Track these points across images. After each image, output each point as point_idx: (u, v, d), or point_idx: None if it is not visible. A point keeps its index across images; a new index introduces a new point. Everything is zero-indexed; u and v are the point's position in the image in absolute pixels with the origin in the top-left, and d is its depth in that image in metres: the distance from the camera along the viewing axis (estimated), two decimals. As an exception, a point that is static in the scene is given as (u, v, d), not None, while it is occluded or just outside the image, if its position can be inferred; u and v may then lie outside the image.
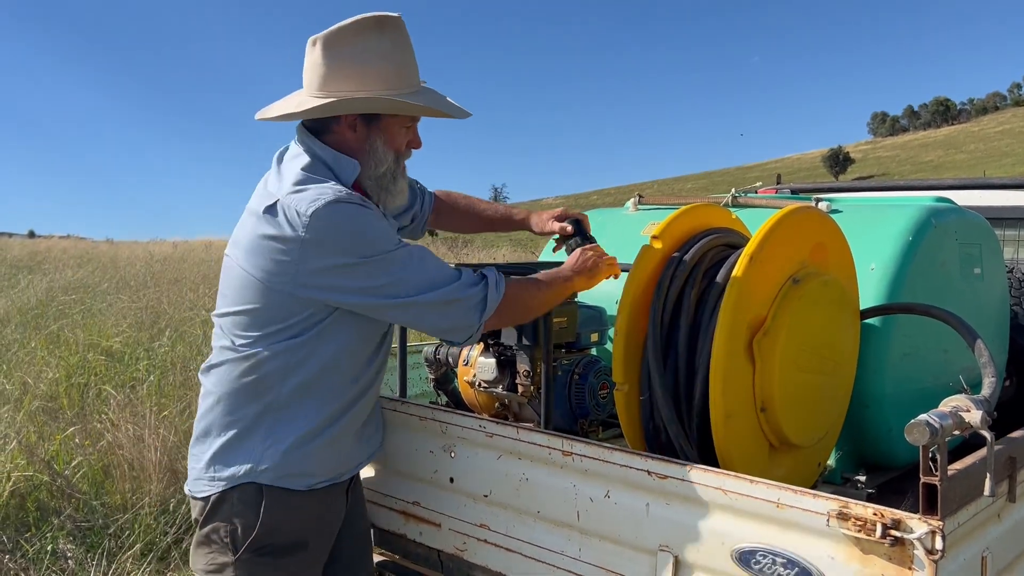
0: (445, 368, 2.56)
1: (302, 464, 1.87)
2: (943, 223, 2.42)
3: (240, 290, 1.85)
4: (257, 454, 1.85)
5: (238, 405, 1.87)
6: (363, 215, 1.79)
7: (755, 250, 1.87)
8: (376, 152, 1.91)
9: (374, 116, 1.89)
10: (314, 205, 1.74)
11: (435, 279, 1.83)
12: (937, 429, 1.35)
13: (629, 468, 1.72)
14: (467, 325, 1.87)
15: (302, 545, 1.91)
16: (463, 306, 1.85)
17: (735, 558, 1.56)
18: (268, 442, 1.85)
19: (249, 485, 1.85)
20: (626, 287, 1.99)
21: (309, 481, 1.89)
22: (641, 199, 3.13)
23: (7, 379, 6.01)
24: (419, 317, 1.85)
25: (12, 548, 3.72)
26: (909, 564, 1.36)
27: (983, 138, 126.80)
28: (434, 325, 1.87)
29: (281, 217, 1.76)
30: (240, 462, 1.86)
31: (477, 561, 2.03)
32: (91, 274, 13.68)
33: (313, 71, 1.87)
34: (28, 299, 10.23)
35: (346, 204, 1.77)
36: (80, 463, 4.48)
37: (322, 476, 1.91)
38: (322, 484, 1.91)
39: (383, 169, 1.93)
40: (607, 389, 2.33)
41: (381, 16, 1.85)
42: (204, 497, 1.89)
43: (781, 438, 1.95)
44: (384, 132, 1.91)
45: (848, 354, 2.14)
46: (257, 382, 1.85)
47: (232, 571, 1.86)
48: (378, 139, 1.90)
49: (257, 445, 1.86)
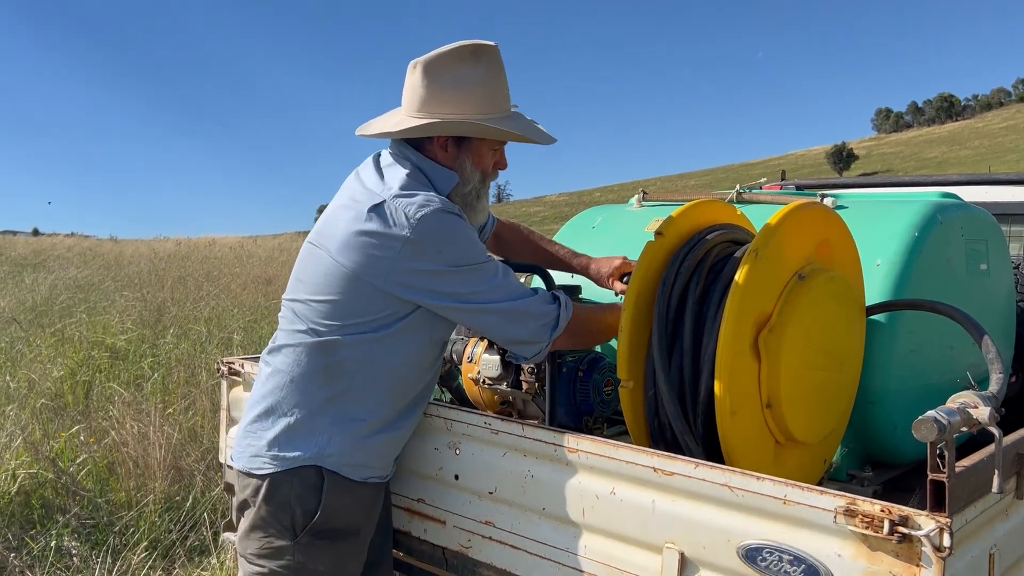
0: (449, 365, 2.56)
1: (364, 455, 1.97)
2: (949, 219, 2.41)
3: (327, 280, 1.94)
4: (324, 439, 1.94)
5: (310, 389, 1.95)
6: (463, 227, 1.93)
7: (760, 246, 1.87)
8: (465, 171, 2.04)
9: (465, 138, 2.02)
10: (423, 211, 1.87)
11: (515, 292, 1.95)
12: (945, 426, 1.35)
13: (634, 465, 1.71)
14: (538, 339, 1.97)
15: (355, 532, 2.00)
16: (538, 321, 1.96)
17: (741, 555, 1.55)
18: (335, 429, 1.94)
19: (311, 468, 1.93)
20: (630, 283, 1.99)
21: (365, 473, 1.98)
22: (645, 195, 3.12)
23: (12, 377, 6.02)
24: (497, 325, 1.96)
25: (17, 546, 3.73)
26: (917, 561, 1.35)
27: (987, 134, 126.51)
28: (508, 335, 1.98)
29: (388, 217, 1.88)
30: (306, 445, 1.94)
31: (482, 558, 2.02)
32: (95, 272, 13.71)
33: (412, 92, 2.02)
34: (33, 297, 10.26)
35: (450, 215, 1.91)
36: (85, 460, 4.49)
37: (378, 470, 2.02)
38: (374, 479, 2.01)
39: (469, 188, 2.06)
40: (612, 386, 2.33)
41: (478, 45, 1.99)
42: (263, 475, 1.95)
43: (787, 435, 1.94)
44: (473, 153, 2.04)
45: (854, 350, 2.13)
46: (331, 368, 1.94)
47: (290, 554, 1.94)
48: (467, 159, 2.04)
49: (325, 430, 1.94)
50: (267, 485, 1.95)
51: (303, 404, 1.96)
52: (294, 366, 1.97)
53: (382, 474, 2.05)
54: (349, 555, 2.01)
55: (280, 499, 1.94)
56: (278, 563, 1.95)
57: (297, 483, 1.94)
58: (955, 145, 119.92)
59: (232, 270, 13.95)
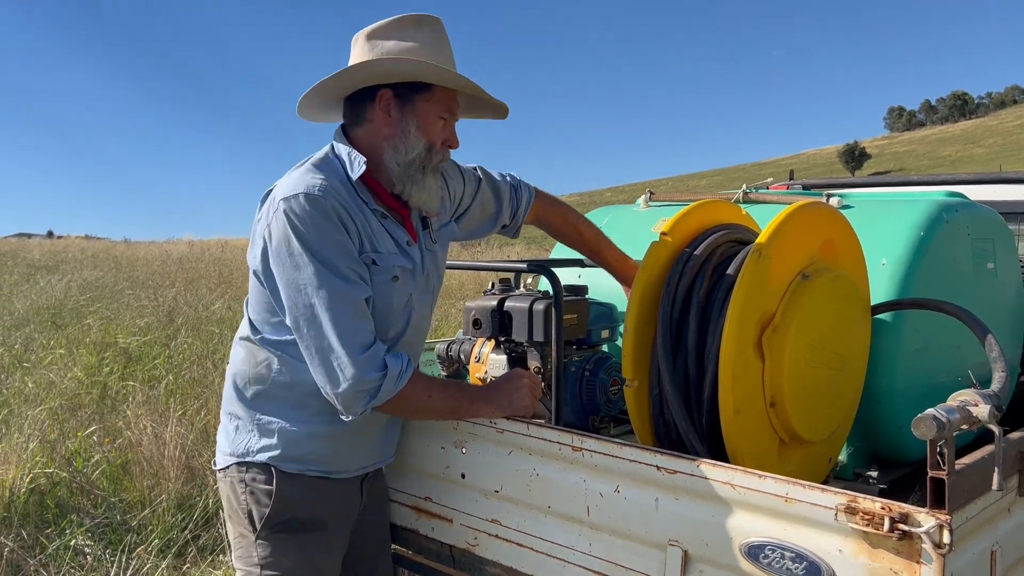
0: (457, 365, 2.58)
1: (302, 450, 1.92)
2: (955, 218, 2.41)
3: (249, 282, 1.94)
4: (264, 436, 1.92)
5: (246, 388, 1.95)
6: (320, 213, 1.75)
7: (764, 246, 1.88)
8: (408, 136, 1.89)
9: (409, 97, 1.88)
10: (287, 191, 1.78)
11: (345, 331, 1.76)
12: (944, 423, 1.36)
13: (639, 463, 1.73)
14: (349, 405, 1.80)
15: (320, 524, 1.96)
16: (352, 385, 1.77)
17: (744, 552, 1.56)
18: (272, 425, 1.91)
19: (259, 464, 1.92)
20: (636, 283, 2.00)
21: (311, 467, 1.94)
22: (652, 196, 3.13)
23: (28, 377, 6.09)
24: (309, 355, 1.79)
25: (32, 544, 3.78)
26: (917, 558, 1.36)
27: (1001, 132, 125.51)
28: (319, 378, 1.80)
29: (267, 205, 1.84)
30: (250, 441, 1.93)
31: (488, 556, 2.04)
32: (108, 273, 13.82)
33: (355, 60, 1.91)
34: (47, 299, 10.35)
35: (313, 198, 1.76)
36: (99, 461, 4.54)
37: (327, 464, 1.96)
38: (333, 473, 1.96)
39: (412, 155, 1.89)
40: (618, 385, 2.34)
41: (421, 15, 1.91)
42: (223, 472, 1.98)
43: (791, 433, 1.95)
44: (419, 116, 1.89)
45: (858, 350, 2.14)
46: (259, 368, 1.92)
47: (255, 551, 1.93)
48: (411, 122, 1.89)
49: (263, 427, 1.92)
50: (228, 483, 1.96)
51: (242, 402, 1.95)
52: (232, 366, 1.99)
53: (333, 469, 1.96)
54: (315, 547, 1.97)
55: (238, 495, 1.94)
56: (249, 564, 1.95)
57: (249, 479, 1.93)
58: (969, 143, 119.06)
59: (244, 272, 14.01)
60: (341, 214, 1.79)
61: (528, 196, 2.33)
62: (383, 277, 1.86)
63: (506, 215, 2.28)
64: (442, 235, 2.10)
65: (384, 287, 1.87)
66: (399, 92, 1.89)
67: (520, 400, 1.94)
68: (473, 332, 2.41)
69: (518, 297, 2.32)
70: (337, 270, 1.77)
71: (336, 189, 1.81)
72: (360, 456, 2.03)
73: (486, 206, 2.26)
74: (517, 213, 2.31)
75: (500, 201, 2.27)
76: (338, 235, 1.78)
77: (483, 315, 2.32)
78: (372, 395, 1.80)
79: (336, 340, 1.75)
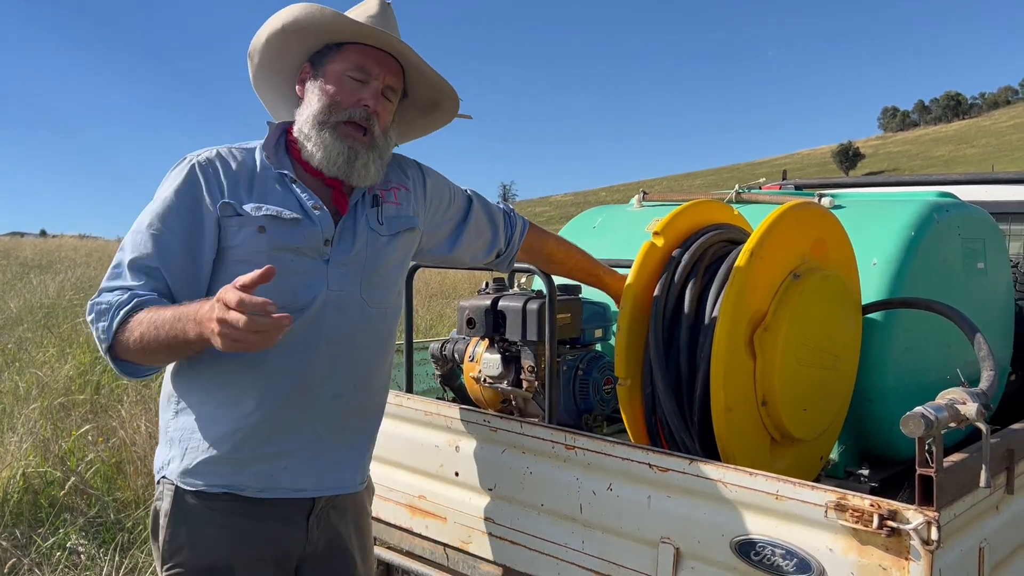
0: (451, 364, 2.59)
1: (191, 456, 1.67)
2: (945, 218, 2.42)
3: None
4: (164, 449, 1.72)
5: (164, 391, 1.76)
6: (177, 170, 1.71)
7: (756, 245, 1.89)
8: (311, 97, 1.76)
9: (320, 62, 1.78)
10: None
11: (115, 264, 1.65)
12: (932, 421, 1.37)
13: (631, 461, 1.74)
14: (100, 342, 1.60)
15: (223, 571, 1.66)
16: (93, 328, 1.60)
17: (735, 549, 1.58)
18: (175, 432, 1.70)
19: (164, 481, 1.70)
20: (628, 283, 2.02)
21: (199, 480, 1.66)
22: (645, 195, 3.15)
23: (20, 376, 6.08)
24: None
25: (25, 543, 3.77)
26: (906, 554, 1.38)
27: (994, 132, 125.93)
28: None
29: None
30: (160, 453, 1.74)
31: (482, 554, 2.05)
32: (101, 272, 13.78)
33: None
34: (40, 298, 10.33)
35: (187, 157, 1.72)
36: (93, 460, 4.53)
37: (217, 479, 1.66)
38: (217, 488, 1.66)
39: (306, 114, 1.75)
40: (611, 384, 2.36)
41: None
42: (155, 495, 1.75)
43: (782, 432, 1.97)
44: (326, 76, 1.77)
45: (849, 348, 2.15)
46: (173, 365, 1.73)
47: None
48: (318, 83, 1.77)
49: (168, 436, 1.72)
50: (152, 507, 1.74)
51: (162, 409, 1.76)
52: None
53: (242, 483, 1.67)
54: None
55: (153, 525, 1.72)
56: None
57: (159, 502, 1.70)
58: (962, 143, 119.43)
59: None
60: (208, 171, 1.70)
61: (523, 224, 2.24)
62: (249, 229, 1.67)
63: (501, 240, 2.18)
64: (395, 223, 1.87)
65: (251, 240, 1.67)
66: (314, 62, 1.81)
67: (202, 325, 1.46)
68: (467, 331, 2.42)
69: (512, 296, 2.33)
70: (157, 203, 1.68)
71: (228, 154, 1.74)
72: (291, 469, 1.70)
73: (481, 230, 2.15)
74: (512, 239, 2.21)
75: (495, 225, 2.17)
76: (182, 178, 1.69)
77: (477, 314, 2.33)
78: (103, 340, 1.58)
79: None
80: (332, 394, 1.73)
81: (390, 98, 1.82)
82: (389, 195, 1.87)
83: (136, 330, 1.53)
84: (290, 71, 1.85)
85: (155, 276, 1.62)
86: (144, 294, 1.58)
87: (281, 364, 1.67)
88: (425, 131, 2.08)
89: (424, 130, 2.07)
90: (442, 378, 2.64)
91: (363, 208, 1.81)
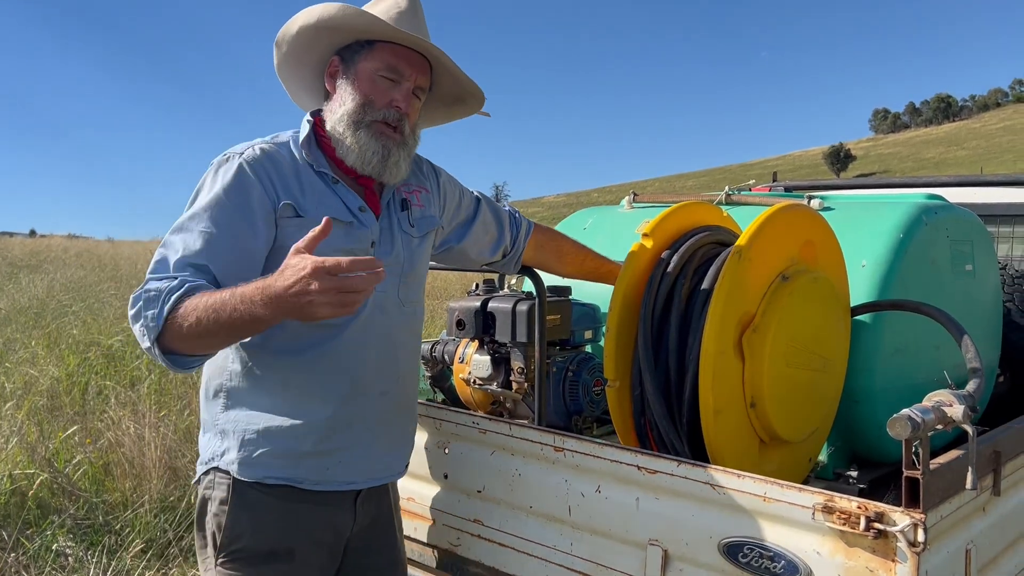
0: (442, 366, 2.58)
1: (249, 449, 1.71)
2: (934, 220, 2.43)
3: None
4: (217, 440, 1.75)
5: (209, 385, 1.79)
6: (224, 168, 1.69)
7: (744, 247, 1.89)
8: (344, 95, 1.79)
9: (351, 59, 1.80)
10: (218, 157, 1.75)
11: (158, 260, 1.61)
12: (919, 424, 1.37)
13: (620, 463, 1.74)
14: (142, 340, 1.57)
15: (284, 555, 1.73)
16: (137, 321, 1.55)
17: (723, 551, 1.58)
18: (227, 425, 1.73)
19: (220, 471, 1.73)
20: (617, 285, 2.01)
21: (258, 472, 1.71)
22: (636, 197, 3.15)
23: (7, 377, 6.04)
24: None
25: (13, 545, 3.75)
26: (892, 556, 1.38)
27: (985, 135, 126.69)
28: None
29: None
30: (207, 446, 1.77)
31: (471, 556, 2.05)
32: (90, 273, 13.72)
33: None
34: (29, 298, 10.27)
35: (229, 157, 1.71)
36: (81, 461, 4.51)
37: (275, 472, 1.72)
38: (274, 480, 1.72)
39: (340, 113, 1.77)
40: (601, 386, 2.35)
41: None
42: (195, 481, 1.81)
43: (771, 433, 1.97)
44: (357, 75, 1.79)
45: (838, 350, 2.16)
46: (219, 358, 1.75)
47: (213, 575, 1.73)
48: (349, 81, 1.79)
49: (215, 429, 1.76)
50: (200, 495, 1.77)
51: (207, 403, 1.80)
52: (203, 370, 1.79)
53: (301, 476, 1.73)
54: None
55: (200, 512, 1.76)
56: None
57: (211, 493, 1.74)
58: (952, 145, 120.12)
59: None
60: (258, 170, 1.70)
61: (528, 225, 2.31)
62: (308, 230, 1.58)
63: (507, 239, 2.24)
64: (423, 224, 1.95)
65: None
66: (344, 57, 1.82)
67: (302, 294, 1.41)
68: (457, 333, 2.42)
69: (501, 298, 2.33)
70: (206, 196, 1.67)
71: (273, 152, 1.74)
72: (345, 463, 1.78)
73: (488, 228, 2.21)
74: (517, 239, 2.26)
75: (501, 225, 2.24)
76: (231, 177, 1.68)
77: (466, 316, 2.33)
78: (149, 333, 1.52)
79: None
80: (380, 391, 1.82)
81: (419, 96, 1.88)
82: (413, 197, 1.95)
83: (191, 315, 1.49)
84: (317, 63, 1.88)
85: (204, 272, 1.61)
86: (194, 280, 1.56)
87: (339, 364, 1.75)
88: (446, 120, 2.13)
89: (445, 119, 2.12)
90: (432, 379, 2.63)
91: (394, 210, 1.89)
